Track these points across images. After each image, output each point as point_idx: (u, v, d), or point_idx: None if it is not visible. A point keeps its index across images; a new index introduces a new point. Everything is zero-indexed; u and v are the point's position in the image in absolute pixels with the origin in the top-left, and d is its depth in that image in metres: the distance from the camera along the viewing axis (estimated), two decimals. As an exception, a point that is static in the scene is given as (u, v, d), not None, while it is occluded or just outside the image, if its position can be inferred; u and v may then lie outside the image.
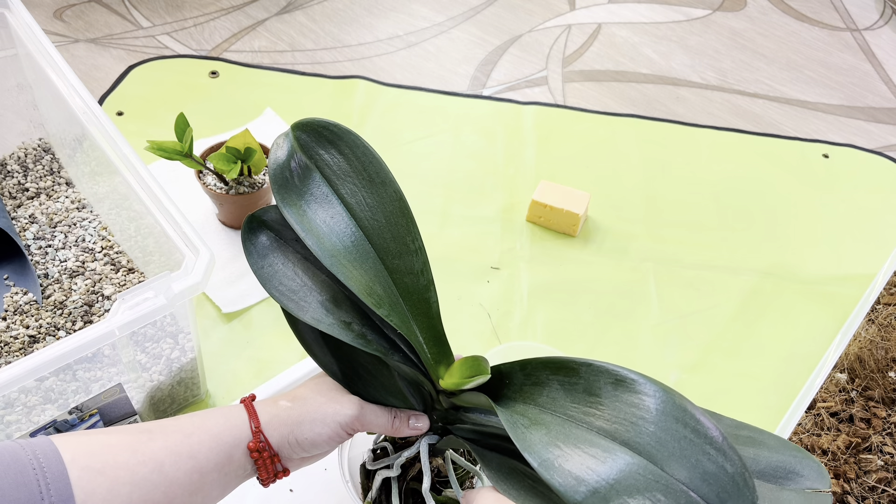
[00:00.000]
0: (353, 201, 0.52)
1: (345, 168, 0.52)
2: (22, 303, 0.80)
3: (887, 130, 1.28)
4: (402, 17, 1.40)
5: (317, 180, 0.51)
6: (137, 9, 1.33)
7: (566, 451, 0.39)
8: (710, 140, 1.21)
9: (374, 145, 1.20)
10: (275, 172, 0.50)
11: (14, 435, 0.62)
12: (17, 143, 0.97)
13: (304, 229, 0.48)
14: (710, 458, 0.36)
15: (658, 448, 0.37)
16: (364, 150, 0.53)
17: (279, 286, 0.50)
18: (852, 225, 1.10)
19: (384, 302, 0.49)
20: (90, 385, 0.64)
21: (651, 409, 0.39)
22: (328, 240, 0.49)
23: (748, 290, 0.99)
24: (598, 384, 0.41)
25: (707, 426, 0.37)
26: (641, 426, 0.38)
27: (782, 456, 0.45)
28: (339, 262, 0.48)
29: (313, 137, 0.52)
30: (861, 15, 1.56)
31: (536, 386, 0.45)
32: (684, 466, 0.36)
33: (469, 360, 0.49)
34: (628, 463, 0.37)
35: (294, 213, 0.49)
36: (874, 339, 0.94)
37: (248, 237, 0.52)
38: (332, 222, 0.50)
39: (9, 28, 0.84)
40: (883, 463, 0.82)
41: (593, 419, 0.40)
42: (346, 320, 0.50)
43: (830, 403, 0.88)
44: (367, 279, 0.49)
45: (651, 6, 1.51)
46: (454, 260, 0.98)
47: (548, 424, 0.41)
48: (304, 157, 0.51)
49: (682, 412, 0.38)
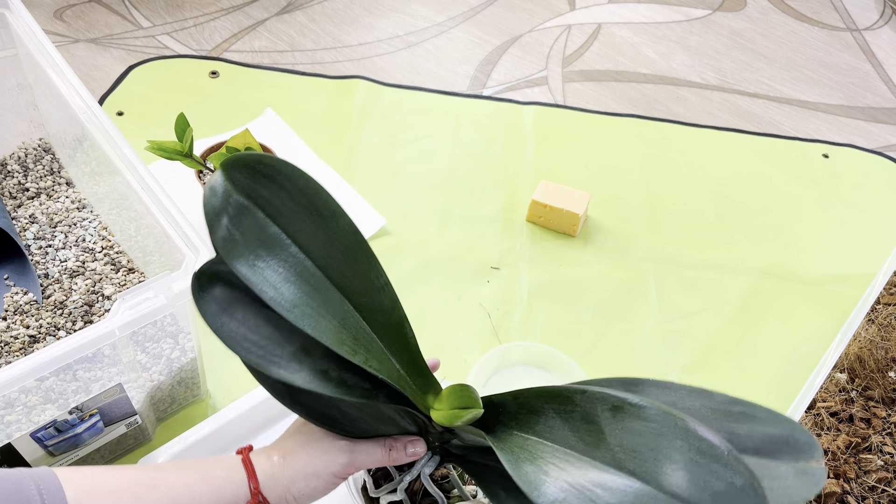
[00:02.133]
0: (304, 239, 0.46)
1: (289, 204, 0.46)
2: (22, 303, 0.80)
3: (887, 130, 1.28)
4: (402, 17, 1.40)
5: (261, 220, 0.45)
6: (137, 9, 1.33)
7: (572, 487, 0.38)
8: (710, 140, 1.21)
9: (374, 145, 1.21)
10: (212, 220, 0.43)
11: (14, 435, 0.62)
12: (18, 143, 0.97)
13: (258, 280, 0.43)
14: (718, 475, 0.36)
15: (664, 474, 0.36)
16: (307, 183, 0.47)
17: (243, 343, 0.45)
18: (852, 225, 1.10)
19: (359, 347, 0.46)
20: (90, 385, 0.64)
21: (653, 433, 0.38)
22: (287, 288, 0.44)
23: (748, 290, 0.99)
24: (594, 411, 0.40)
25: (712, 442, 0.36)
26: (644, 453, 0.37)
27: (775, 429, 0.45)
28: (302, 311, 0.44)
29: (247, 174, 0.45)
30: (861, 15, 1.56)
31: (532, 414, 0.44)
32: (693, 490, 0.36)
33: (457, 389, 0.47)
34: (637, 492, 0.36)
35: (243, 263, 0.43)
36: (874, 339, 0.94)
37: (199, 296, 0.46)
38: (287, 266, 0.45)
39: (9, 28, 0.84)
40: (883, 463, 0.82)
41: (594, 449, 0.39)
42: (321, 368, 0.46)
43: (830, 403, 0.88)
44: (336, 325, 0.45)
45: (651, 6, 1.51)
46: (454, 260, 0.98)
47: (548, 458, 0.40)
48: (241, 197, 0.44)
49: (684, 433, 0.37)
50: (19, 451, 0.65)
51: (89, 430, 0.69)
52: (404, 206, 1.04)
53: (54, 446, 0.67)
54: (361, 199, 1.03)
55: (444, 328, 0.91)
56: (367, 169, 1.09)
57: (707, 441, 0.36)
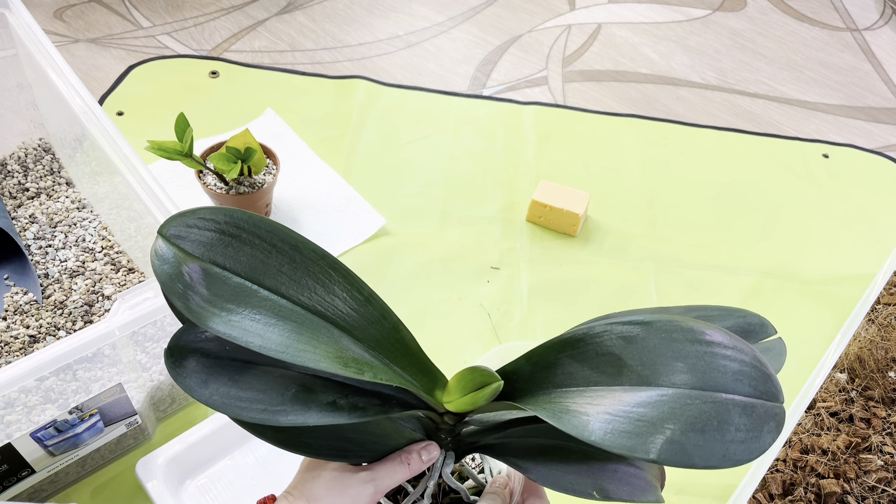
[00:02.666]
0: (270, 281, 0.45)
1: (245, 250, 0.45)
2: (22, 303, 0.80)
3: (887, 130, 1.28)
4: (402, 17, 1.40)
5: (220, 275, 0.44)
6: (137, 9, 1.33)
7: (615, 416, 0.40)
8: (710, 140, 1.21)
9: (375, 145, 1.21)
10: (171, 290, 0.42)
11: (14, 435, 0.62)
12: (18, 143, 0.97)
13: (239, 334, 0.42)
14: (729, 358, 0.40)
15: (690, 374, 0.40)
16: (255, 224, 0.45)
17: (238, 404, 0.44)
18: (852, 225, 1.10)
19: (363, 365, 0.45)
20: (90, 385, 0.64)
21: (665, 342, 0.41)
22: (271, 332, 0.43)
23: (748, 290, 0.99)
24: (606, 343, 0.43)
25: (713, 333, 0.40)
26: (664, 362, 0.41)
27: (732, 321, 0.50)
28: (296, 350, 0.43)
29: (189, 231, 0.44)
30: (861, 15, 1.56)
31: (548, 369, 0.45)
32: (717, 377, 0.39)
33: (465, 374, 0.47)
34: (673, 397, 0.40)
35: (218, 322, 0.42)
36: (874, 339, 0.94)
37: (176, 374, 0.44)
38: (263, 311, 0.44)
39: (9, 28, 0.84)
40: (883, 463, 0.82)
41: (619, 376, 0.42)
42: (328, 401, 0.46)
43: (830, 403, 0.88)
44: (333, 352, 0.45)
45: (651, 6, 1.51)
46: (454, 260, 0.98)
47: (581, 399, 0.42)
48: (192, 261, 0.43)
49: (690, 333, 0.41)
50: (19, 451, 0.65)
51: (89, 430, 0.69)
52: (404, 206, 1.04)
53: (54, 446, 0.67)
54: (361, 199, 1.03)
55: (444, 328, 0.91)
56: (367, 169, 1.09)
57: (707, 333, 0.40)
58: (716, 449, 0.38)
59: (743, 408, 0.39)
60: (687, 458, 0.38)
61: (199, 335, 0.46)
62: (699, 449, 0.38)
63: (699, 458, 0.38)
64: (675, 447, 0.38)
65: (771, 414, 0.39)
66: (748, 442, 0.38)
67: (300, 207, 1.01)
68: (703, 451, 0.38)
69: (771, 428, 0.39)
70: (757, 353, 0.40)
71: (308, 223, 0.99)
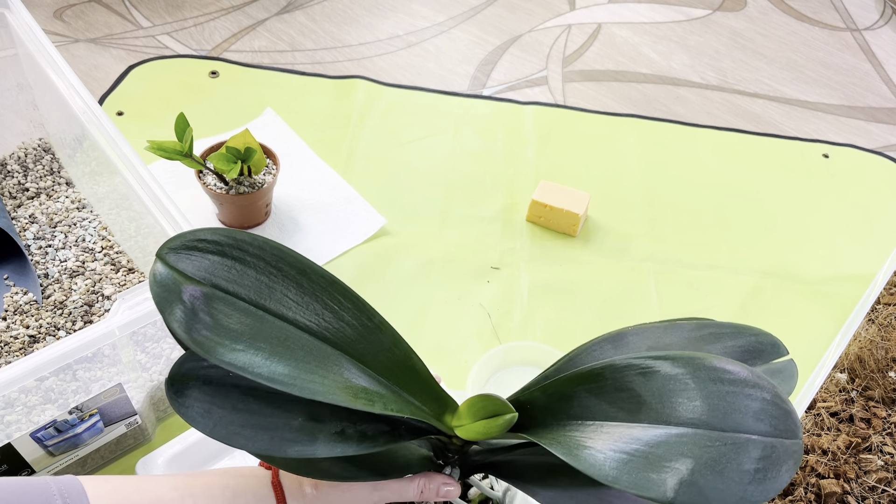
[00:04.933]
0: (276, 306, 0.43)
1: (250, 275, 0.43)
2: (22, 303, 0.80)
3: (887, 130, 1.28)
4: (402, 17, 1.40)
5: (224, 301, 0.41)
6: (137, 9, 1.33)
7: (631, 456, 0.39)
8: (710, 140, 1.21)
9: (375, 145, 1.21)
10: (172, 318, 0.40)
11: (14, 435, 0.62)
12: (17, 143, 0.97)
13: (245, 364, 0.40)
14: (751, 397, 0.39)
15: (710, 414, 0.39)
16: (258, 245, 0.43)
17: (244, 433, 0.42)
18: (852, 225, 1.10)
19: (373, 395, 0.43)
20: (90, 385, 0.64)
21: (687, 383, 0.40)
22: (278, 363, 0.41)
23: (748, 290, 0.99)
24: (626, 379, 0.41)
25: (736, 371, 0.39)
26: (684, 401, 0.39)
27: (741, 340, 0.49)
28: (304, 381, 0.41)
29: (191, 255, 0.42)
30: (861, 15, 1.56)
31: (564, 401, 0.44)
32: (737, 418, 0.38)
33: (476, 401, 0.45)
34: (691, 437, 0.39)
35: (224, 352, 0.39)
36: (874, 339, 0.94)
37: (178, 403, 0.42)
38: (271, 342, 0.42)
39: (9, 28, 0.84)
40: (883, 463, 0.82)
41: (637, 413, 0.40)
42: (336, 431, 0.44)
43: (830, 403, 0.88)
44: (342, 382, 0.43)
45: (651, 6, 1.51)
46: (454, 260, 0.98)
47: (597, 436, 0.40)
48: (194, 285, 0.41)
49: (712, 371, 0.40)
50: (19, 451, 0.65)
51: (89, 430, 0.69)
52: (404, 206, 1.04)
53: (54, 446, 0.67)
54: (361, 199, 1.03)
55: (444, 328, 0.91)
56: (367, 169, 1.09)
57: (732, 371, 0.39)
58: (734, 490, 0.37)
59: (763, 448, 0.38)
60: (704, 500, 0.37)
61: (202, 363, 0.44)
62: (717, 491, 0.37)
63: (716, 500, 0.37)
64: (692, 489, 0.37)
65: (790, 452, 0.38)
66: (766, 482, 0.37)
67: (300, 207, 1.01)
68: (720, 494, 0.37)
69: (790, 466, 0.38)
70: (778, 390, 0.39)
71: (308, 223, 0.99)
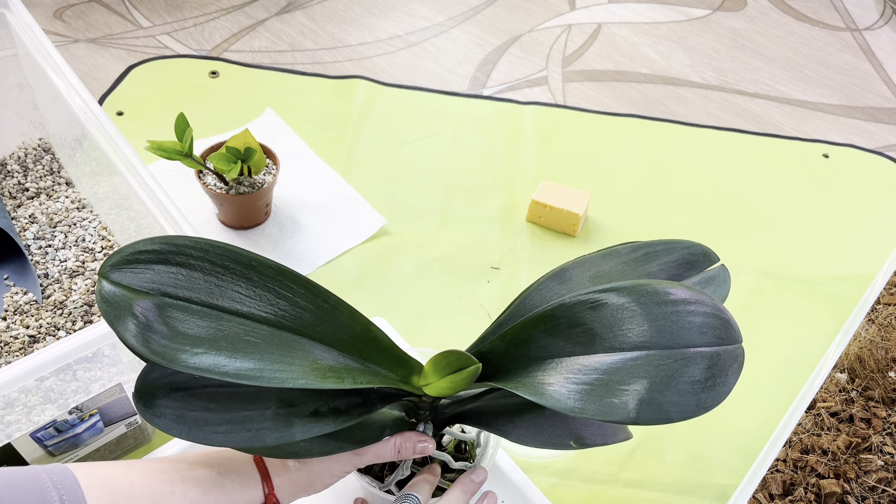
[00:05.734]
0: (228, 303, 0.43)
1: (197, 277, 0.42)
2: (22, 303, 0.80)
3: (887, 130, 1.28)
4: (402, 17, 1.40)
5: (176, 308, 0.41)
6: (137, 9, 1.33)
7: (591, 385, 0.41)
8: (710, 140, 1.21)
9: (374, 145, 1.21)
10: (127, 332, 0.39)
11: (14, 435, 0.62)
12: (17, 143, 0.97)
13: (210, 364, 0.40)
14: (693, 313, 0.41)
15: (658, 335, 0.41)
16: (200, 247, 0.43)
17: (219, 430, 0.43)
18: (852, 225, 1.10)
19: (341, 373, 0.44)
20: (90, 385, 0.64)
21: (634, 310, 0.42)
22: (242, 358, 0.41)
23: (748, 290, 0.99)
24: (577, 315, 0.43)
25: (676, 291, 0.42)
26: (634, 326, 0.42)
27: (677, 254, 0.52)
28: (271, 371, 0.41)
29: (136, 268, 0.41)
30: (861, 15, 1.56)
31: (523, 345, 0.45)
32: (683, 334, 0.41)
33: (439, 358, 0.47)
34: (646, 359, 0.41)
35: (186, 356, 0.39)
36: (874, 339, 0.94)
37: (150, 414, 0.42)
38: (230, 339, 0.41)
39: (9, 28, 0.84)
40: (883, 463, 0.82)
41: (592, 345, 0.43)
42: (310, 412, 0.45)
43: (830, 403, 0.88)
44: (308, 365, 0.43)
45: (651, 6, 1.51)
46: (454, 260, 0.98)
47: (557, 372, 0.43)
48: (143, 298, 0.40)
49: (655, 296, 0.42)
50: (19, 451, 0.65)
51: (89, 430, 0.69)
52: (404, 206, 1.04)
53: (54, 446, 0.67)
54: (361, 199, 1.03)
55: (444, 328, 0.91)
56: (367, 169, 1.09)
57: (671, 292, 0.42)
58: (689, 401, 0.40)
59: (709, 358, 0.41)
60: (664, 415, 0.39)
61: (166, 371, 0.44)
62: (674, 404, 0.40)
63: (675, 412, 0.39)
64: (652, 406, 0.39)
65: (733, 357, 0.41)
66: (716, 388, 0.40)
67: (300, 207, 1.01)
68: (678, 406, 0.40)
69: (734, 370, 0.41)
70: (717, 303, 0.42)
71: (308, 223, 0.99)
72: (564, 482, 0.78)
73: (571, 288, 0.51)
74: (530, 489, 0.71)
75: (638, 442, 0.82)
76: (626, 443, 0.82)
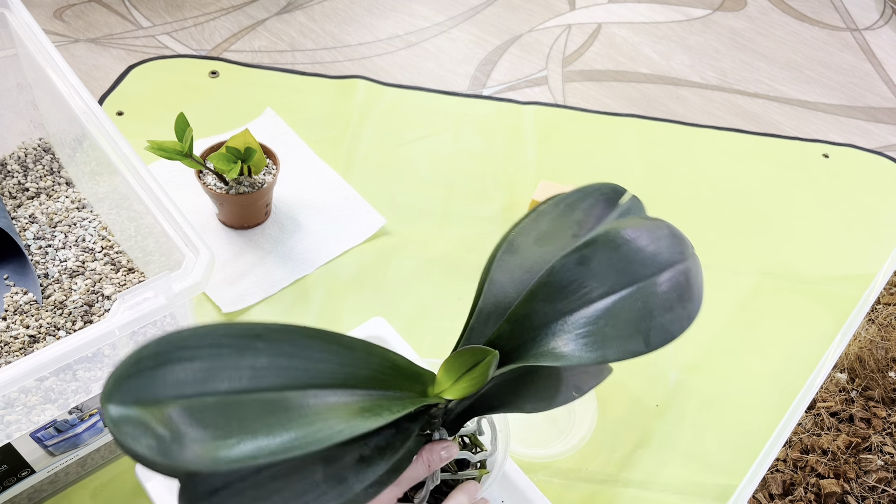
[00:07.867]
0: (248, 383, 0.40)
1: (197, 368, 0.39)
2: (22, 303, 0.80)
3: (887, 130, 1.28)
4: (402, 17, 1.40)
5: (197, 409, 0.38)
6: (137, 9, 1.33)
7: (602, 334, 0.43)
8: (710, 140, 1.21)
9: (374, 145, 1.21)
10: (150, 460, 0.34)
11: (14, 435, 0.62)
12: (17, 143, 0.97)
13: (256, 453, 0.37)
14: (658, 238, 0.45)
15: (642, 267, 0.45)
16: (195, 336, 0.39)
17: None
18: (852, 225, 1.10)
19: (377, 409, 0.42)
20: (90, 385, 0.64)
21: (613, 254, 0.45)
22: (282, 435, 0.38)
23: (748, 290, 0.99)
24: (568, 274, 0.45)
25: (639, 226, 0.45)
26: (621, 269, 0.45)
27: (593, 198, 0.55)
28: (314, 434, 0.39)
29: (141, 383, 0.37)
30: (861, 15, 1.56)
31: (525, 319, 0.47)
32: (659, 259, 0.45)
33: (451, 360, 0.46)
34: (633, 293, 0.44)
35: (228, 453, 0.36)
36: (874, 339, 0.94)
37: None
38: (260, 418, 0.39)
39: (9, 28, 0.84)
40: (883, 463, 0.82)
41: (586, 297, 0.45)
42: (356, 459, 0.44)
43: (830, 403, 0.88)
44: (344, 413, 0.41)
45: (651, 6, 1.51)
46: (454, 260, 0.98)
47: (564, 332, 0.45)
48: (154, 421, 0.36)
49: (624, 237, 0.45)
50: (19, 451, 0.65)
51: (89, 430, 0.69)
52: (404, 206, 1.04)
53: (54, 446, 0.67)
54: (361, 199, 1.03)
55: (444, 328, 0.91)
56: (367, 169, 1.09)
57: (636, 229, 0.45)
58: (683, 314, 0.44)
59: (684, 272, 0.46)
60: (669, 335, 0.43)
61: (205, 479, 0.40)
62: (674, 322, 0.43)
63: (676, 329, 0.43)
64: (660, 331, 0.43)
65: (696, 264, 0.47)
66: (694, 295, 0.45)
67: (300, 207, 1.01)
68: (678, 322, 0.44)
69: (699, 274, 0.47)
70: (668, 224, 0.46)
71: (308, 223, 0.99)
72: (564, 482, 0.78)
73: (524, 256, 0.53)
74: (530, 489, 0.71)
75: (638, 442, 0.82)
76: (627, 443, 0.82)
